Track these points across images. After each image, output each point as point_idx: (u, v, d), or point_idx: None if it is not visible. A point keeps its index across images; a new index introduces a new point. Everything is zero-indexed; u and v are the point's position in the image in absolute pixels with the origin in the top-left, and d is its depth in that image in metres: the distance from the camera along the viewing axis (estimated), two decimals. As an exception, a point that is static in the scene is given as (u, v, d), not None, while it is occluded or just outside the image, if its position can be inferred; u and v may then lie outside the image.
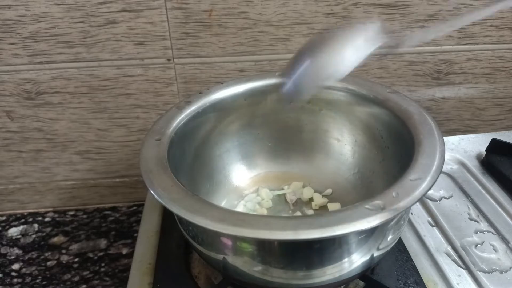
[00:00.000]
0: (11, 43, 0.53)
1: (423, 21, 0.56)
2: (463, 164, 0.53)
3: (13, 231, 0.63)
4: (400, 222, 0.35)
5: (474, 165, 0.53)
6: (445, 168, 0.52)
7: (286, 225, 0.28)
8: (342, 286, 0.38)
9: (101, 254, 0.60)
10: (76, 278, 0.57)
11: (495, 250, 0.42)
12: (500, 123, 0.66)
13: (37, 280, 0.57)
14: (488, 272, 0.40)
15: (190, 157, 0.42)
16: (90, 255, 0.60)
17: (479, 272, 0.40)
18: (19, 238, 0.62)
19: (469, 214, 0.46)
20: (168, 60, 0.56)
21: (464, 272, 0.40)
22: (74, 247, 0.61)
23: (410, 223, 0.45)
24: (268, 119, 0.47)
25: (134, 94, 0.58)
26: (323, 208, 0.46)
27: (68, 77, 0.56)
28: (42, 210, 0.67)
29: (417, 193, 0.29)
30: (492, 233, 0.44)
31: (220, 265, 0.34)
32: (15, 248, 0.61)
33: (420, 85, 0.61)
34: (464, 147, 0.56)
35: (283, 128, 0.48)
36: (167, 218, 0.46)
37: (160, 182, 0.32)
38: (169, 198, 0.30)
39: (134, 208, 0.67)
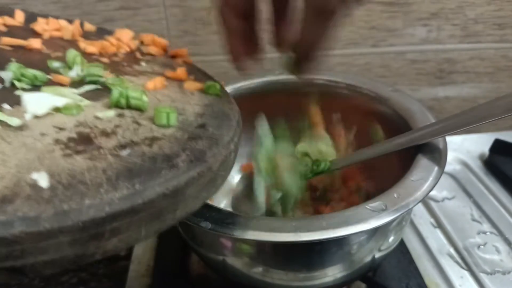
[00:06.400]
0: (8, 42, 0.53)
1: (426, 19, 0.55)
2: (466, 165, 0.53)
3: (11, 231, 0.63)
4: (402, 223, 0.34)
5: (477, 166, 0.52)
6: (448, 168, 0.52)
7: (287, 227, 0.27)
8: (343, 288, 0.38)
9: (99, 254, 0.59)
10: (74, 280, 0.56)
11: (498, 251, 0.42)
12: (503, 123, 0.66)
13: (35, 282, 0.56)
14: (491, 274, 0.39)
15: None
16: (89, 255, 0.59)
17: (481, 274, 0.39)
18: (17, 238, 0.62)
19: (471, 215, 0.46)
20: (167, 58, 0.55)
21: (466, 273, 0.39)
22: (73, 247, 0.60)
23: (412, 224, 0.45)
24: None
25: (133, 93, 0.58)
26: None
27: (66, 76, 0.56)
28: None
29: (419, 193, 0.29)
30: (495, 234, 0.43)
31: (219, 266, 0.34)
32: (13, 249, 0.60)
33: (422, 84, 0.61)
34: (467, 147, 0.55)
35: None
36: (166, 218, 0.46)
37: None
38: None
39: (133, 208, 0.66)
